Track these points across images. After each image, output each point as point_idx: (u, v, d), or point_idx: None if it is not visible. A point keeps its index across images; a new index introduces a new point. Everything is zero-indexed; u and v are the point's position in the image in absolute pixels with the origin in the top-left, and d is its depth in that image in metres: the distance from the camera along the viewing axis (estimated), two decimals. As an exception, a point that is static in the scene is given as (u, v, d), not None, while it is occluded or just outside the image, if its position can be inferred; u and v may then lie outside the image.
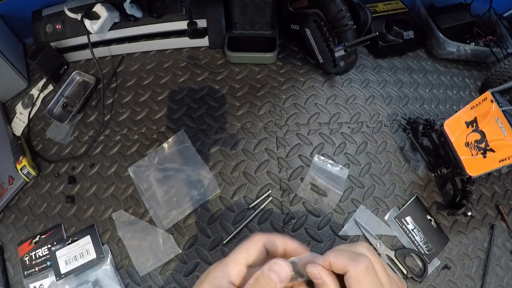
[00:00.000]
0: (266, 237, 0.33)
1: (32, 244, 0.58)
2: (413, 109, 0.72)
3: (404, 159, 0.65)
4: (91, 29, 0.66)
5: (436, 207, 0.62)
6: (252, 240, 0.33)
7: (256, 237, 0.33)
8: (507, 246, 0.61)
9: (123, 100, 0.69)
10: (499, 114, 0.49)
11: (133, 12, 0.67)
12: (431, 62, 0.80)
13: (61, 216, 0.60)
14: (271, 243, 0.33)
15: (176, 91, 0.70)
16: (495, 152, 0.50)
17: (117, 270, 0.55)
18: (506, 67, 0.67)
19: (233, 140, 0.65)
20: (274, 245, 0.33)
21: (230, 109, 0.68)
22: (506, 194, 0.66)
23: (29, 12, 0.70)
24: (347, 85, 0.72)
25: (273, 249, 0.33)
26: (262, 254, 0.33)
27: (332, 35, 0.68)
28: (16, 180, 0.62)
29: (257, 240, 0.33)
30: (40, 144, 0.66)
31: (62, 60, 0.72)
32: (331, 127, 0.67)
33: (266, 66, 0.73)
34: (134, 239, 0.57)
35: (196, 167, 0.62)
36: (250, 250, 0.33)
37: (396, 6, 0.81)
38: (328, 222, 0.58)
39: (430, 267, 0.57)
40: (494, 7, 0.79)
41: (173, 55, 0.74)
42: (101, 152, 0.64)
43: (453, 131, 0.56)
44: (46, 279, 0.55)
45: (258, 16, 0.69)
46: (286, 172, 0.62)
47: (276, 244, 0.33)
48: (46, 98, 0.71)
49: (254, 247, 0.33)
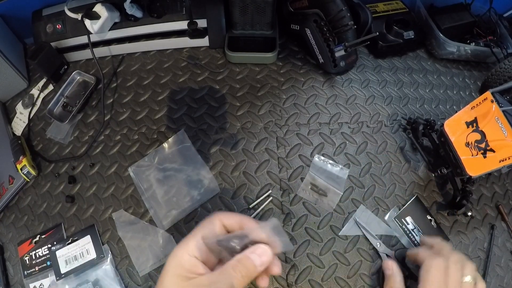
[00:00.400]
0: (223, 215, 0.37)
1: (32, 243, 0.58)
2: (413, 109, 0.72)
3: (404, 159, 0.65)
4: (91, 29, 0.66)
5: (436, 207, 0.62)
6: (210, 217, 0.37)
7: (213, 215, 0.37)
8: (507, 246, 0.61)
9: (123, 100, 0.69)
10: (499, 114, 0.49)
11: (133, 12, 0.67)
12: (431, 62, 0.80)
13: (61, 216, 0.60)
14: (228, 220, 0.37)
15: (176, 91, 0.70)
16: (495, 152, 0.50)
17: (117, 270, 0.55)
18: (506, 67, 0.67)
19: (233, 140, 0.65)
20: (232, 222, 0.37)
21: (230, 109, 0.68)
22: (506, 194, 0.66)
23: (29, 12, 0.70)
24: (347, 85, 0.72)
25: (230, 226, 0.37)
26: (220, 230, 0.36)
27: (332, 35, 0.68)
28: (16, 180, 0.62)
29: (214, 218, 0.37)
30: (40, 144, 0.66)
31: (62, 60, 0.72)
32: (331, 127, 0.67)
33: (266, 66, 0.73)
34: (134, 239, 0.57)
35: (196, 167, 0.62)
36: (207, 225, 0.36)
37: (396, 6, 0.81)
38: (328, 222, 0.58)
39: None
40: (494, 7, 0.79)
41: (173, 55, 0.74)
42: (101, 152, 0.64)
43: (453, 131, 0.56)
44: (46, 279, 0.55)
45: (258, 16, 0.69)
46: (286, 172, 0.62)
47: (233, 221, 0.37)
48: (46, 98, 0.71)
49: (210, 224, 0.36)
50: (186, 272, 0.33)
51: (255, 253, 0.33)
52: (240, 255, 0.33)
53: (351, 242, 0.57)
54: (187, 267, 0.33)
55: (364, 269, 0.55)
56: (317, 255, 0.56)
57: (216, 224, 0.36)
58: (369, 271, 0.55)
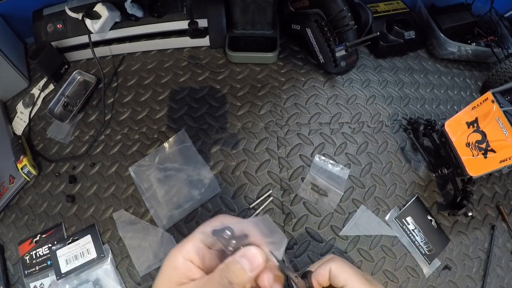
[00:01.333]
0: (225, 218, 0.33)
1: (32, 243, 0.58)
2: (414, 109, 0.72)
3: (405, 159, 0.65)
4: (92, 28, 0.66)
5: (436, 208, 0.62)
6: (211, 220, 0.34)
7: (215, 217, 0.34)
8: (508, 247, 0.61)
9: (124, 100, 0.69)
10: (500, 115, 0.49)
11: (134, 11, 0.67)
12: (432, 62, 0.80)
13: (62, 216, 0.60)
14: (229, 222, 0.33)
15: (177, 90, 0.70)
16: (496, 152, 0.50)
17: (117, 269, 0.55)
18: (507, 68, 0.67)
19: (234, 140, 0.65)
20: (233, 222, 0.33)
21: (231, 109, 0.68)
22: (506, 195, 0.65)
23: (30, 11, 0.70)
24: (348, 85, 0.72)
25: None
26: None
27: (333, 35, 0.67)
28: (17, 180, 0.62)
29: (215, 220, 0.33)
30: (41, 143, 0.66)
31: (63, 59, 0.72)
32: (332, 127, 0.67)
33: (267, 66, 0.73)
34: (135, 239, 0.57)
35: (197, 167, 0.62)
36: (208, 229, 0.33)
37: (397, 6, 0.81)
38: (329, 222, 0.58)
39: (430, 267, 0.57)
40: (495, 8, 0.79)
41: (174, 55, 0.74)
42: (102, 151, 0.64)
43: (454, 131, 0.56)
44: (47, 278, 0.55)
45: (259, 16, 0.69)
46: (287, 172, 0.62)
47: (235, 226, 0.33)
48: (47, 97, 0.71)
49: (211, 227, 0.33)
50: (179, 277, 0.31)
51: (244, 257, 0.30)
52: (229, 258, 0.30)
53: (351, 242, 0.57)
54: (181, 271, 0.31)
55: (365, 269, 0.55)
56: (318, 255, 0.56)
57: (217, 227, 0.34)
58: (370, 271, 0.56)
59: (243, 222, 0.32)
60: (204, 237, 0.33)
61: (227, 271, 0.30)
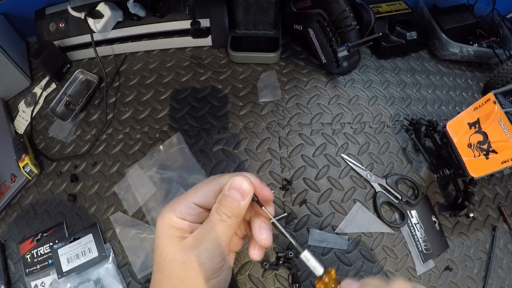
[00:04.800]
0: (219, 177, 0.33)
1: (34, 242, 0.58)
2: (415, 110, 0.72)
3: (406, 160, 0.65)
4: (95, 28, 0.66)
5: (438, 208, 0.62)
6: (205, 180, 0.33)
7: (209, 178, 0.34)
8: (509, 248, 0.61)
9: (126, 99, 0.70)
10: (501, 116, 0.49)
11: (136, 11, 0.67)
12: (434, 63, 0.80)
13: (63, 214, 0.60)
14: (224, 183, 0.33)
15: (179, 90, 0.70)
16: (498, 153, 0.50)
17: (119, 268, 0.55)
18: (509, 69, 0.67)
19: (235, 140, 0.65)
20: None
21: (232, 109, 0.68)
22: (508, 196, 0.65)
23: (32, 10, 0.70)
24: (350, 85, 0.72)
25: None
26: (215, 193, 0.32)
27: (335, 36, 0.67)
28: (19, 178, 0.62)
29: (209, 181, 0.33)
30: (43, 142, 0.66)
31: (65, 58, 0.72)
32: (333, 127, 0.67)
33: (269, 66, 0.73)
34: (135, 239, 0.57)
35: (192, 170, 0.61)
36: (200, 189, 0.32)
37: (399, 7, 0.81)
38: (330, 222, 0.58)
39: (424, 266, 0.57)
40: (497, 8, 0.79)
41: (176, 55, 0.74)
42: (104, 150, 0.65)
43: (456, 132, 0.56)
44: (48, 277, 0.55)
45: (261, 16, 0.69)
46: (288, 172, 0.62)
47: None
48: (49, 96, 0.71)
49: (204, 187, 0.32)
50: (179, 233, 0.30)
51: (232, 189, 0.30)
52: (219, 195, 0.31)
53: (352, 242, 0.57)
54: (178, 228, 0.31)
55: (366, 269, 0.56)
56: (319, 255, 0.56)
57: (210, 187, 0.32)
58: (371, 271, 0.56)
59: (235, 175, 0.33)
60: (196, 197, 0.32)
61: (222, 208, 0.30)
